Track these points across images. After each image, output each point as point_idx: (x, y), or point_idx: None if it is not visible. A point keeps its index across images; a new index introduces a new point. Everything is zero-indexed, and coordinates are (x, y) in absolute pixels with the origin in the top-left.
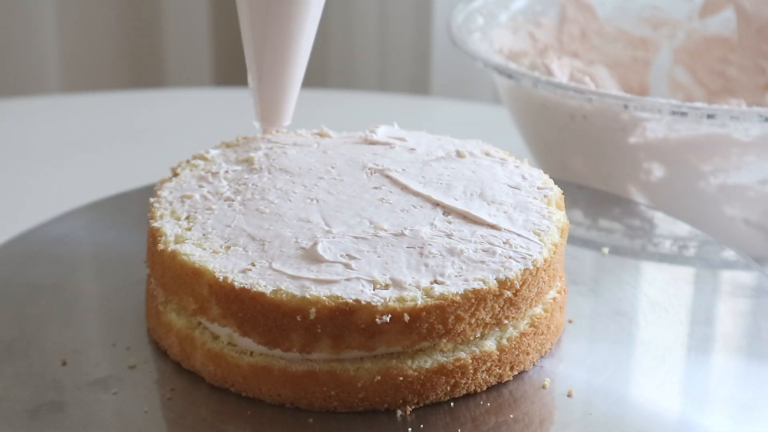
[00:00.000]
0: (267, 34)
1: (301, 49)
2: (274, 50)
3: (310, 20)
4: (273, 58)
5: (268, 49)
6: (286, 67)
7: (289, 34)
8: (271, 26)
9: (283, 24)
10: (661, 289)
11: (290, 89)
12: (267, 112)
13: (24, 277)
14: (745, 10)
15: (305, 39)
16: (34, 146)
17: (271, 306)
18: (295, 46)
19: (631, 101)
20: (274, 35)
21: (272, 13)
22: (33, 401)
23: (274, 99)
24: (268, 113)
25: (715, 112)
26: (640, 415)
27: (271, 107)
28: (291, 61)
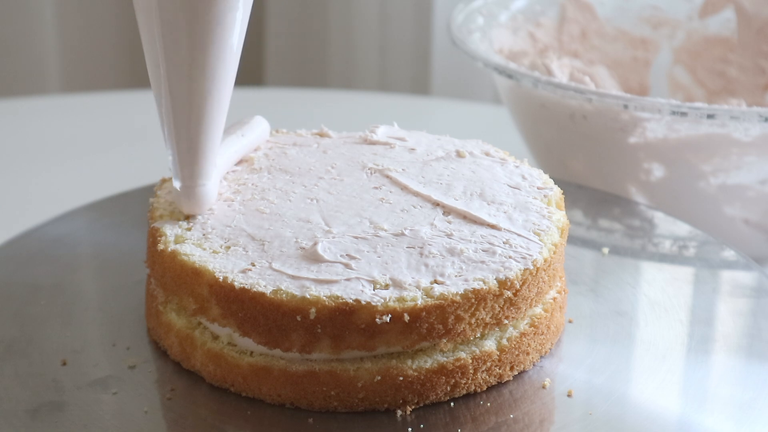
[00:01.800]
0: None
1: (225, 82)
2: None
3: (231, 49)
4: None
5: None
6: (208, 102)
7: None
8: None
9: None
10: (661, 289)
11: (215, 128)
12: (189, 164)
13: (24, 277)
14: (745, 10)
15: (229, 70)
16: (34, 146)
17: (271, 306)
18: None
19: (631, 101)
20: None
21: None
22: (33, 401)
23: (196, 144)
24: (190, 165)
25: (715, 112)
26: (640, 415)
27: (193, 157)
28: (215, 95)
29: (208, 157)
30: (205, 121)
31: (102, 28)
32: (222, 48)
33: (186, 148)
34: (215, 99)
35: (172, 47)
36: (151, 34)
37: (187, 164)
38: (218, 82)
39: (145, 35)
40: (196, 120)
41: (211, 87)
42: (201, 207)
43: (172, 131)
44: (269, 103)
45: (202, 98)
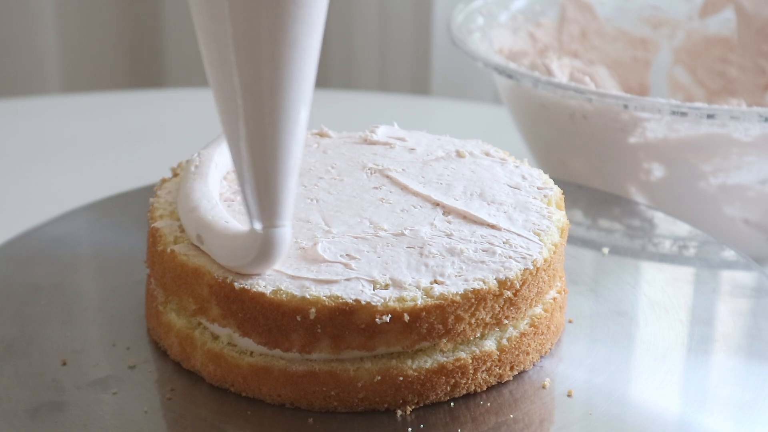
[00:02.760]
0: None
1: (305, 108)
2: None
3: (311, 77)
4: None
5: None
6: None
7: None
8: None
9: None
10: (661, 289)
11: (294, 167)
12: (270, 204)
13: (24, 277)
14: (745, 10)
15: (308, 99)
16: (34, 146)
17: (271, 306)
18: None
19: (631, 101)
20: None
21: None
22: (33, 401)
23: (274, 183)
24: (271, 206)
25: (715, 112)
26: (640, 415)
27: (272, 197)
28: (295, 122)
29: (290, 195)
30: (285, 154)
31: (102, 28)
32: (302, 77)
33: (264, 185)
34: (296, 127)
35: (250, 82)
36: (225, 70)
37: (267, 203)
38: (297, 110)
39: (216, 71)
40: (277, 153)
41: (291, 114)
42: (281, 253)
43: (249, 168)
44: None
45: (282, 129)
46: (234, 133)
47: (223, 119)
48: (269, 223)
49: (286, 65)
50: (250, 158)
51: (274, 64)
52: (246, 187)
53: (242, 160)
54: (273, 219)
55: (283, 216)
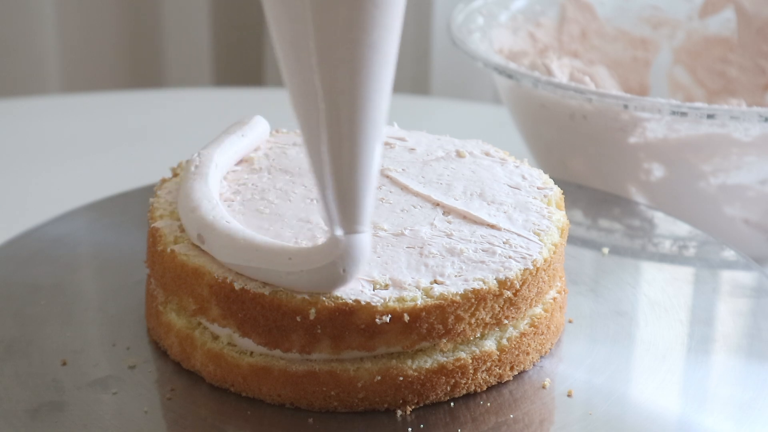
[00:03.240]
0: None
1: (381, 115)
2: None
3: (389, 79)
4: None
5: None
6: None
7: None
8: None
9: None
10: (661, 289)
11: (373, 173)
12: (351, 210)
13: (24, 277)
14: (745, 10)
15: (383, 103)
16: (34, 146)
17: (271, 306)
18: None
19: (631, 101)
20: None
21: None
22: (33, 401)
23: (355, 187)
24: (352, 211)
25: (715, 112)
26: (640, 415)
27: (354, 202)
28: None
29: (371, 200)
30: (366, 158)
31: (102, 28)
32: (381, 80)
33: (345, 191)
34: (376, 131)
35: (331, 85)
36: (305, 74)
37: (349, 209)
38: (377, 113)
39: (296, 76)
40: (358, 157)
41: (374, 119)
42: (364, 257)
43: (330, 173)
44: (269, 103)
45: (363, 133)
46: (315, 139)
47: (303, 124)
48: (351, 228)
49: (366, 67)
50: (331, 163)
51: (354, 66)
52: (327, 192)
53: (323, 166)
54: (354, 224)
55: (364, 221)
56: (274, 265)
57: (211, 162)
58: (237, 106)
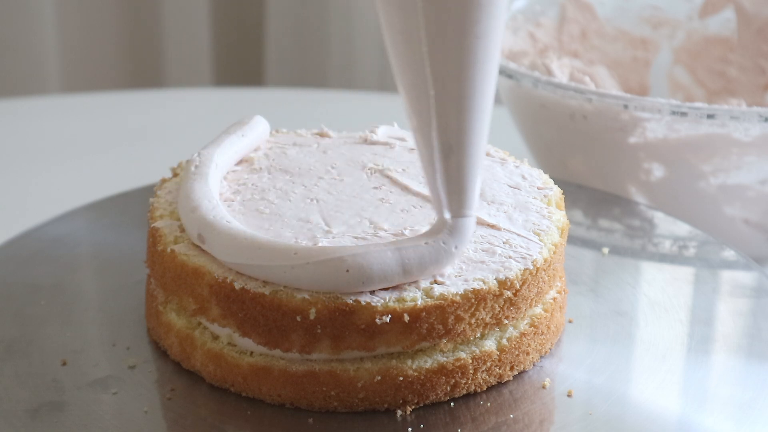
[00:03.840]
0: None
1: (488, 103)
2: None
3: (496, 67)
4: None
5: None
6: (473, 136)
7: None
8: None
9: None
10: (661, 289)
11: (480, 157)
12: (460, 194)
13: (24, 277)
14: (745, 10)
15: (490, 91)
16: (34, 146)
17: (271, 306)
18: (481, 98)
19: (631, 101)
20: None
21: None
22: (33, 401)
23: (464, 173)
24: (460, 196)
25: (715, 112)
26: (640, 415)
27: (462, 187)
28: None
29: (478, 185)
30: (474, 144)
31: (102, 28)
32: (488, 68)
33: (454, 176)
34: (483, 117)
35: (441, 73)
36: (416, 64)
37: (457, 193)
38: (485, 100)
39: (406, 66)
40: (466, 143)
41: (481, 107)
42: (468, 239)
43: (440, 159)
44: (269, 103)
45: (471, 119)
46: (425, 125)
47: (413, 112)
48: (458, 212)
49: (473, 55)
50: (440, 149)
51: (462, 54)
52: (436, 177)
53: (433, 152)
54: (462, 209)
55: (471, 205)
56: (278, 261)
57: (211, 162)
58: (237, 106)
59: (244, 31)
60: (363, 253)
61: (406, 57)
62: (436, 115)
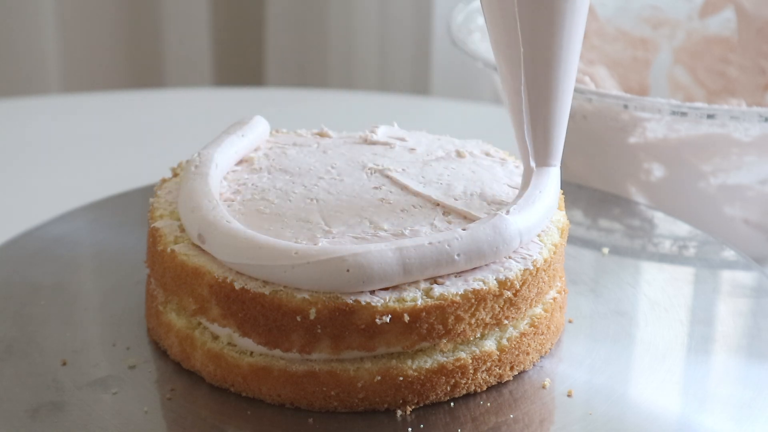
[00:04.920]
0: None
1: (573, 62)
2: (545, 66)
3: (580, 31)
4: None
5: (539, 66)
6: (559, 90)
7: (560, 45)
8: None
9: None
10: (661, 289)
11: (564, 115)
12: (545, 146)
13: (24, 277)
14: (745, 10)
15: (576, 50)
16: (34, 146)
17: (271, 306)
18: (567, 57)
19: (631, 101)
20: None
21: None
22: (33, 401)
23: (547, 131)
24: (546, 147)
25: (715, 112)
26: (640, 415)
27: (545, 141)
28: (564, 85)
29: (562, 138)
30: (559, 100)
31: (102, 28)
32: (574, 28)
33: (541, 128)
34: (569, 78)
35: (530, 32)
36: (509, 23)
37: (543, 145)
38: (570, 57)
39: (500, 26)
40: (554, 101)
41: (566, 66)
42: (557, 189)
43: (526, 112)
44: (269, 103)
45: (557, 75)
46: (516, 81)
47: (503, 68)
48: (544, 162)
49: (561, 15)
50: (527, 103)
51: (550, 14)
52: (525, 128)
53: (521, 106)
54: (547, 158)
55: (556, 156)
56: (278, 260)
57: (211, 162)
58: (237, 106)
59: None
60: (363, 252)
61: (499, 17)
62: (525, 71)
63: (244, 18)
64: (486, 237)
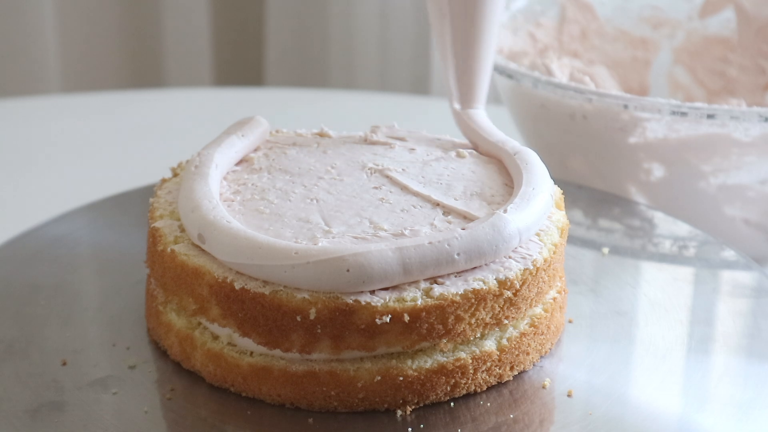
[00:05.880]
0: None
1: (493, 25)
2: (469, 29)
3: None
4: (468, 35)
5: (466, 27)
6: (480, 44)
7: (483, 11)
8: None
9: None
10: (661, 289)
11: (485, 68)
12: (463, 93)
13: (24, 277)
14: (745, 10)
15: (496, 16)
16: (34, 146)
17: (271, 306)
18: (488, 23)
19: (631, 101)
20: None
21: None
22: (33, 401)
23: (470, 78)
24: (464, 94)
25: (715, 112)
26: (640, 415)
27: (467, 88)
28: (484, 38)
29: (485, 83)
30: (483, 52)
31: (102, 28)
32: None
33: (463, 73)
34: (490, 31)
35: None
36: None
37: (465, 88)
38: (491, 13)
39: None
40: (477, 51)
41: (487, 18)
42: (480, 127)
43: (451, 58)
44: (269, 103)
45: (480, 32)
46: (442, 30)
47: (433, 20)
48: (467, 105)
49: None
50: (452, 51)
51: None
52: (449, 74)
53: (447, 54)
54: (471, 102)
55: (478, 99)
56: (278, 260)
57: (211, 162)
58: (237, 106)
59: (244, 31)
60: (364, 252)
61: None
62: (451, 23)
63: (244, 18)
64: (485, 236)
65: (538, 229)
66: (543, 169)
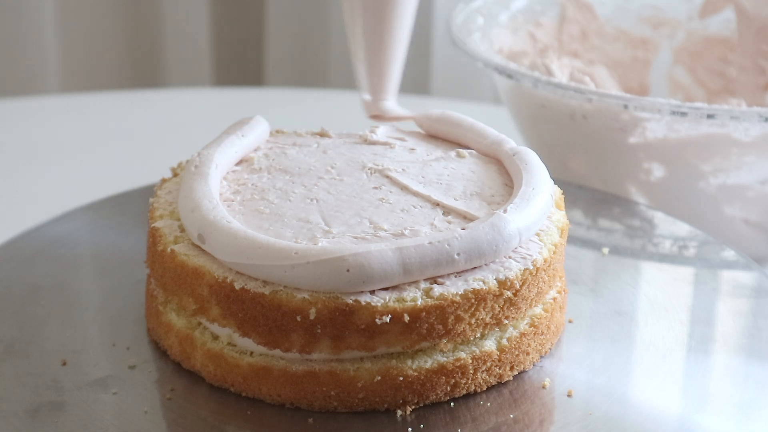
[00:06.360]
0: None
1: (405, 18)
2: (380, 23)
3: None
4: (379, 27)
5: (376, 22)
6: (392, 38)
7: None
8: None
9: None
10: (661, 289)
11: (395, 61)
12: (374, 85)
13: (24, 277)
14: (745, 10)
15: (409, 13)
16: (34, 146)
17: (271, 306)
18: (399, 15)
19: (631, 101)
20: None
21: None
22: (33, 401)
23: (381, 71)
24: (375, 86)
25: (715, 112)
26: (640, 415)
27: (378, 80)
28: (395, 30)
29: (394, 76)
30: (393, 47)
31: (102, 29)
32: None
33: (373, 66)
34: (401, 27)
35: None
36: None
37: (375, 80)
38: (403, 11)
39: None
40: (387, 45)
41: (399, 14)
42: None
43: (365, 55)
44: (269, 103)
45: (390, 28)
46: (353, 25)
47: (346, 15)
48: (378, 96)
49: None
50: (363, 46)
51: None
52: (360, 67)
53: (358, 48)
54: (381, 94)
55: (387, 92)
56: (278, 260)
57: (211, 162)
58: (237, 106)
59: (244, 31)
60: (363, 252)
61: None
62: (362, 18)
63: (244, 18)
64: (485, 236)
65: (538, 229)
66: (543, 169)
